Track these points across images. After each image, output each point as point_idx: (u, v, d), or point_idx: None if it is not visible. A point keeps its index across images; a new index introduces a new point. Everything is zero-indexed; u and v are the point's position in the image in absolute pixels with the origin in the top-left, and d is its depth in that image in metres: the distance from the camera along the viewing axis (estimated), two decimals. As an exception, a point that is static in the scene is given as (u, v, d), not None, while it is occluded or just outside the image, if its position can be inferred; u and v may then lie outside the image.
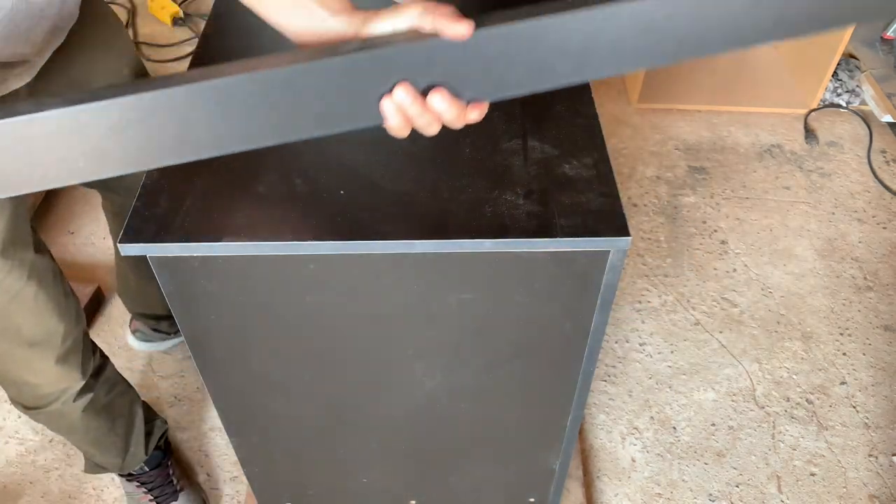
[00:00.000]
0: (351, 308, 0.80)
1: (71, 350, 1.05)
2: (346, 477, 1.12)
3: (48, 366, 1.03)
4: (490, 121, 0.83)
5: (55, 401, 1.09)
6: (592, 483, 1.45)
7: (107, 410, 1.18)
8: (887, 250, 1.88)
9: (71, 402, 1.10)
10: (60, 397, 1.08)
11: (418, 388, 0.92)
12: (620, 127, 2.23)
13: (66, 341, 1.03)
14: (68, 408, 1.11)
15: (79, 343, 1.07)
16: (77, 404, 1.11)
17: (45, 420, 1.14)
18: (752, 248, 1.88)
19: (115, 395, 1.20)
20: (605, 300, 0.79)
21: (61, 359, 1.03)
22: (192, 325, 0.82)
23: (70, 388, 1.08)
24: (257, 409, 0.96)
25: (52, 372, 1.04)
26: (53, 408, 1.09)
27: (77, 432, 1.18)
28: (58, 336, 1.01)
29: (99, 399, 1.15)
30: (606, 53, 0.55)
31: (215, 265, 0.74)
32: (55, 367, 1.03)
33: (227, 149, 0.58)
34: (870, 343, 1.68)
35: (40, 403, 1.09)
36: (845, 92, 2.28)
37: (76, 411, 1.12)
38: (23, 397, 1.09)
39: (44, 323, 0.99)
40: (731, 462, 1.48)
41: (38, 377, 1.05)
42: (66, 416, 1.13)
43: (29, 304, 0.96)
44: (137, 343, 1.64)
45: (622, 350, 1.67)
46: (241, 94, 0.55)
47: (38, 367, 1.03)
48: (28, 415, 1.12)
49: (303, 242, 0.70)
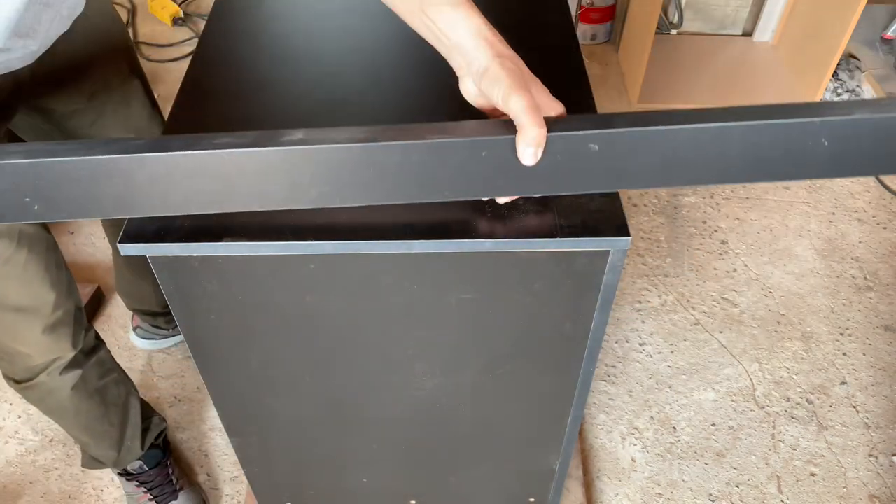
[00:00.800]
0: (351, 308, 0.80)
1: (61, 321, 1.06)
2: (346, 477, 1.12)
3: (35, 334, 1.04)
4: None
5: (42, 371, 1.09)
6: (592, 483, 1.45)
7: (100, 395, 1.19)
8: (887, 250, 1.88)
9: (58, 374, 1.10)
10: (48, 367, 1.09)
11: (418, 388, 0.92)
12: (620, 127, 2.23)
13: (57, 311, 1.04)
14: (56, 382, 1.11)
15: (70, 315, 1.07)
16: (65, 379, 1.11)
17: (37, 397, 1.15)
18: (752, 248, 1.88)
19: (109, 382, 1.21)
20: (605, 300, 0.79)
21: (49, 328, 1.04)
22: (192, 325, 0.82)
23: (59, 359, 1.09)
24: (257, 409, 0.96)
25: (39, 341, 1.05)
26: (41, 380, 1.10)
27: (68, 414, 1.18)
28: (47, 305, 1.02)
29: (90, 380, 1.16)
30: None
31: (215, 265, 0.74)
32: (42, 337, 1.04)
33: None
34: (870, 343, 1.68)
35: (30, 375, 1.10)
36: (845, 92, 2.28)
37: (65, 388, 1.12)
38: (15, 369, 1.10)
39: (32, 290, 1.00)
40: (731, 462, 1.48)
41: (27, 346, 1.06)
42: (54, 394, 1.13)
43: (18, 271, 0.97)
44: (139, 341, 1.65)
45: (622, 350, 1.67)
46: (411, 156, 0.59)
47: (25, 334, 1.04)
48: (20, 391, 1.13)
49: (303, 242, 0.70)
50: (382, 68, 0.91)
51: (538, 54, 0.93)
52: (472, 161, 0.59)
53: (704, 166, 0.60)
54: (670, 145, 0.58)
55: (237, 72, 0.92)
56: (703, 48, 2.49)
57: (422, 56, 0.94)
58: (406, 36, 0.97)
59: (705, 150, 0.59)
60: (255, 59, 0.93)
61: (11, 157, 0.55)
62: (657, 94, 2.29)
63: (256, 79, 0.90)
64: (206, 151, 0.56)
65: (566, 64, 0.91)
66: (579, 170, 0.59)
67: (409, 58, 0.93)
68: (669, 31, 2.51)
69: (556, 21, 0.98)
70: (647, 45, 2.13)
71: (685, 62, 2.43)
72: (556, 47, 0.94)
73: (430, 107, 0.85)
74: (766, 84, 2.34)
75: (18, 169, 0.55)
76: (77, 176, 0.56)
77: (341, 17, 0.99)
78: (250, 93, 0.88)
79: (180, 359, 1.65)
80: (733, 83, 2.35)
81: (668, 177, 0.60)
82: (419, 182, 0.60)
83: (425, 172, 0.59)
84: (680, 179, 0.61)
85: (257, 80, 0.90)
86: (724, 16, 2.49)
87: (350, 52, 0.94)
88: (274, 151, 0.57)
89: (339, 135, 0.58)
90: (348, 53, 0.93)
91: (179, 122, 0.85)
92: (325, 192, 0.60)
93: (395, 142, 0.58)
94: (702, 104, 2.29)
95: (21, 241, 0.96)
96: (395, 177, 0.60)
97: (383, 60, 0.92)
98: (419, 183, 0.60)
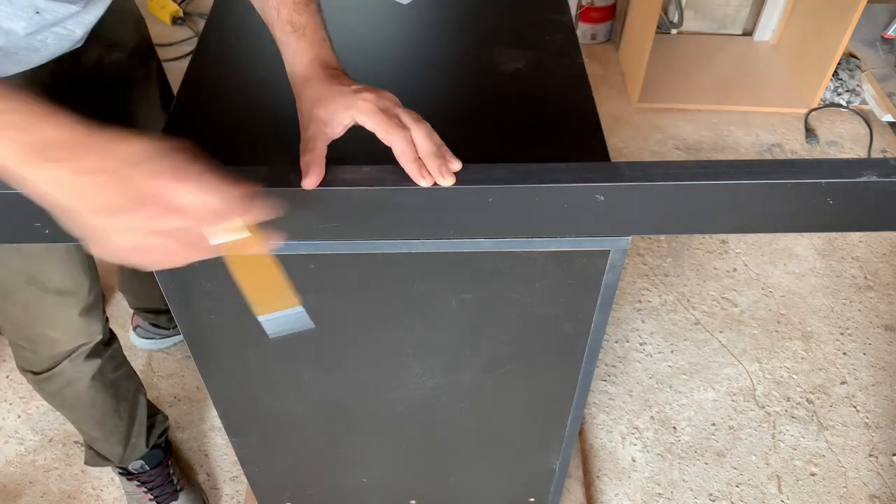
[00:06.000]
0: (351, 308, 0.80)
1: (94, 304, 1.08)
2: (346, 477, 1.12)
3: (72, 316, 1.05)
4: (490, 120, 0.83)
5: (66, 359, 1.10)
6: (592, 483, 1.45)
7: (113, 388, 1.20)
8: (887, 250, 1.88)
9: (81, 361, 1.11)
10: (73, 353, 1.10)
11: (418, 388, 0.92)
12: (621, 126, 2.23)
13: (90, 295, 1.06)
14: (77, 371, 1.12)
15: (99, 299, 1.10)
16: (86, 367, 1.13)
17: (54, 389, 1.15)
18: (752, 247, 1.88)
19: (121, 376, 1.22)
20: (605, 300, 0.79)
21: (85, 311, 1.06)
22: (192, 325, 0.82)
23: (86, 344, 1.11)
24: (257, 409, 0.96)
25: (75, 324, 1.07)
26: (63, 367, 1.11)
27: (83, 407, 1.19)
28: (84, 288, 1.04)
29: (106, 372, 1.17)
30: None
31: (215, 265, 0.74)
32: (79, 319, 1.06)
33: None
34: (870, 343, 1.68)
35: (52, 364, 1.10)
36: (846, 91, 2.28)
37: (85, 377, 1.13)
38: (37, 359, 1.10)
39: (72, 273, 1.02)
40: (732, 462, 1.48)
41: (60, 330, 1.07)
42: (73, 385, 1.14)
43: (62, 254, 0.99)
44: (139, 340, 1.65)
45: (622, 350, 1.67)
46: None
47: (62, 317, 1.05)
48: (36, 382, 1.13)
49: (303, 242, 0.70)
50: (382, 68, 0.91)
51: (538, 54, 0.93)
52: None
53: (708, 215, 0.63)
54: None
55: (237, 71, 0.92)
56: (703, 48, 2.49)
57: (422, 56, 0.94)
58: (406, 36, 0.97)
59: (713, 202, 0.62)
60: (255, 58, 0.93)
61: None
62: (657, 94, 2.29)
63: (256, 78, 0.90)
64: None
65: (566, 64, 0.91)
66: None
67: (409, 57, 0.93)
68: (669, 30, 2.51)
69: (556, 21, 0.98)
70: (647, 44, 2.13)
71: (685, 62, 2.42)
72: (557, 47, 0.94)
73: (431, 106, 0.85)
74: (766, 83, 2.34)
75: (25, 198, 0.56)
76: None
77: (341, 16, 0.98)
78: (250, 92, 0.88)
79: (180, 359, 1.65)
80: (733, 83, 2.35)
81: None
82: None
83: None
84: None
85: (257, 79, 0.90)
86: (725, 15, 2.49)
87: (350, 51, 0.93)
88: None
89: None
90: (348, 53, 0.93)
91: (180, 122, 0.85)
92: None
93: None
94: (702, 104, 2.30)
95: None
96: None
97: (383, 60, 0.92)
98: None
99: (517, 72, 0.89)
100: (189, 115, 0.86)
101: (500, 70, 0.90)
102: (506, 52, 0.92)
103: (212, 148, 0.83)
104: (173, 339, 1.65)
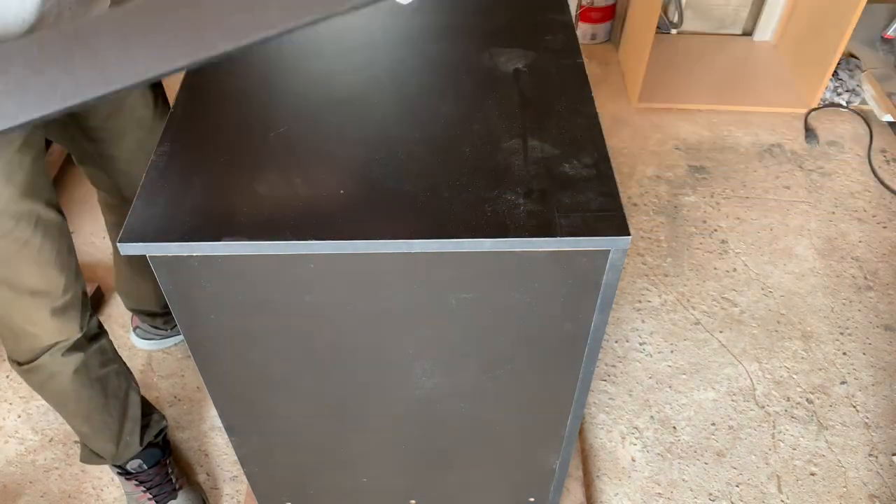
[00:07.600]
0: (351, 308, 0.80)
1: (70, 304, 1.08)
2: (346, 477, 1.12)
3: (45, 316, 1.06)
4: (490, 120, 0.83)
5: (45, 352, 1.10)
6: (592, 483, 1.45)
7: (101, 384, 1.20)
8: (887, 250, 1.88)
9: (60, 355, 1.11)
10: (51, 348, 1.10)
11: (418, 387, 0.92)
12: (621, 126, 2.23)
13: (66, 295, 1.06)
14: (58, 364, 1.12)
15: (77, 299, 1.09)
16: (67, 361, 1.12)
17: (39, 381, 1.15)
18: (752, 247, 1.88)
19: (110, 372, 1.22)
20: (605, 300, 0.79)
21: (59, 311, 1.06)
22: (192, 324, 0.82)
23: (64, 340, 1.11)
24: (257, 409, 0.96)
25: (49, 323, 1.07)
26: (44, 361, 1.11)
27: (69, 401, 1.19)
28: (58, 288, 1.04)
29: (92, 367, 1.17)
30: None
31: (215, 265, 0.74)
32: (52, 319, 1.06)
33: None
34: (870, 343, 1.68)
35: (33, 356, 1.11)
36: (846, 91, 2.28)
37: (67, 371, 1.13)
38: (20, 350, 1.11)
39: (45, 274, 1.02)
40: (731, 462, 1.48)
41: (37, 327, 1.07)
42: (56, 378, 1.14)
43: (34, 255, 0.99)
44: (139, 341, 1.65)
45: (622, 350, 1.67)
46: None
47: (37, 316, 1.06)
48: (22, 373, 1.14)
49: (303, 242, 0.70)
50: (382, 68, 0.91)
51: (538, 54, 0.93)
52: None
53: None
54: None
55: (236, 71, 0.92)
56: (703, 48, 2.49)
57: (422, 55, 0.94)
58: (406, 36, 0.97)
59: None
60: (255, 58, 0.93)
61: None
62: (657, 94, 2.29)
63: (256, 78, 0.90)
64: None
65: (566, 64, 0.91)
66: None
67: (409, 57, 0.93)
68: (669, 30, 2.51)
69: (556, 21, 0.98)
70: (647, 44, 2.13)
71: (685, 62, 2.43)
72: (557, 47, 0.94)
73: (430, 106, 0.85)
74: (766, 83, 2.34)
75: None
76: None
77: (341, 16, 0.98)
78: (250, 92, 0.88)
79: (180, 359, 1.65)
80: (733, 83, 2.35)
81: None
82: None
83: None
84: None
85: (257, 79, 0.90)
86: (725, 15, 2.49)
87: (350, 51, 0.93)
88: None
89: None
90: (348, 53, 0.93)
91: (180, 122, 0.85)
92: None
93: None
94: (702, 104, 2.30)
95: (38, 225, 0.98)
96: None
97: (383, 60, 0.92)
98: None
99: (517, 72, 0.89)
100: (189, 114, 0.86)
101: (500, 70, 0.90)
102: (506, 52, 0.92)
103: (211, 148, 0.84)
104: (173, 339, 1.65)
